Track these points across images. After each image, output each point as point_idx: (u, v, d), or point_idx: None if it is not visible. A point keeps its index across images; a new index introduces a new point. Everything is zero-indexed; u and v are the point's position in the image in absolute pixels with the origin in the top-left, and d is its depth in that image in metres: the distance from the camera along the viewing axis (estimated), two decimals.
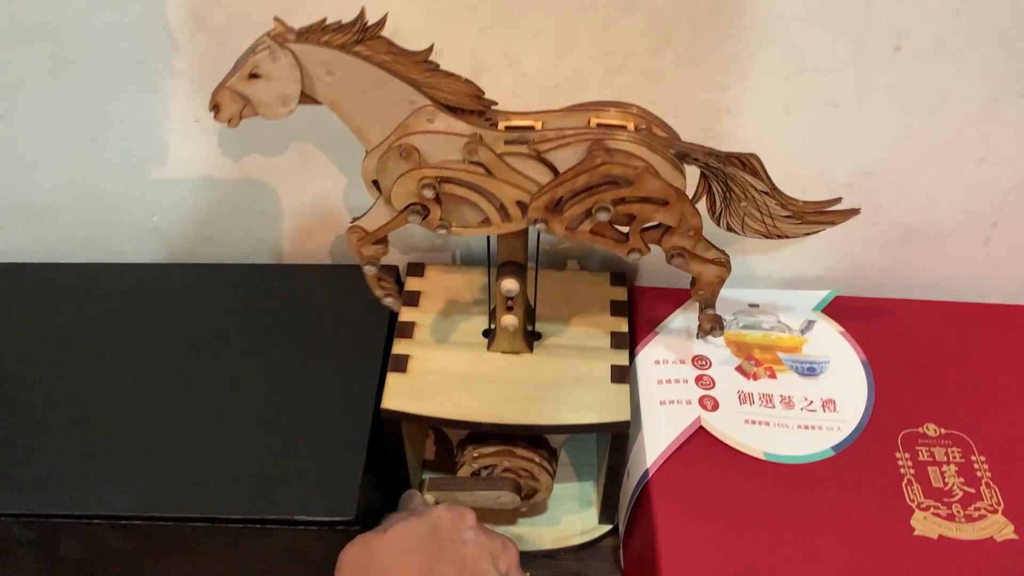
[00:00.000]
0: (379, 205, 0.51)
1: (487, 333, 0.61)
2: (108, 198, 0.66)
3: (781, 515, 0.53)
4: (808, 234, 0.52)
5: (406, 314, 0.62)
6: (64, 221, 0.68)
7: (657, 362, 0.61)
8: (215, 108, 0.47)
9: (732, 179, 0.50)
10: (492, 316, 0.61)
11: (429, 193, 0.49)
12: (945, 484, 0.55)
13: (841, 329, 0.63)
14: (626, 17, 0.53)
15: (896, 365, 0.61)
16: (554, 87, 0.57)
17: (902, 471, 0.55)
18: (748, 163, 0.49)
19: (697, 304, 0.57)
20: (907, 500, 0.54)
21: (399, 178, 0.49)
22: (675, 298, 0.65)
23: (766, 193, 0.50)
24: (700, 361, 0.61)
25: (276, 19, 0.46)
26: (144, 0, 0.55)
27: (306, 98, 0.48)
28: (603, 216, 0.49)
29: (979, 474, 0.55)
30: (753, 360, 0.61)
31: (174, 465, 0.55)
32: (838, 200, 0.51)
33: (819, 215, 0.51)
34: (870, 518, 0.53)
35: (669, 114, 0.55)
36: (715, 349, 0.62)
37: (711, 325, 0.58)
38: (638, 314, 0.65)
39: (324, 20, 0.45)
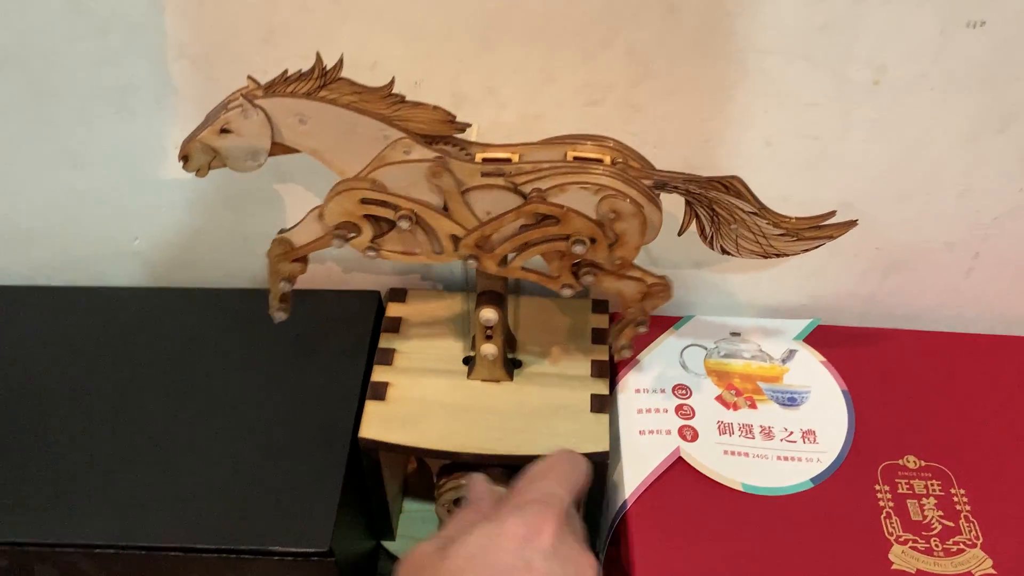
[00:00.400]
0: (311, 219, 0.51)
1: (468, 360, 0.61)
2: (89, 223, 0.66)
3: (758, 548, 0.53)
4: (807, 250, 0.52)
5: (386, 340, 0.62)
6: (45, 245, 0.68)
7: (637, 391, 0.61)
8: (184, 158, 0.48)
9: (717, 203, 0.50)
10: (472, 343, 0.61)
11: (405, 224, 0.49)
12: (924, 517, 0.55)
13: (823, 359, 0.63)
14: (606, 51, 0.53)
15: (877, 396, 0.61)
16: (535, 118, 0.57)
17: (881, 504, 0.55)
18: (731, 186, 0.49)
19: (677, 332, 0.57)
20: (885, 533, 0.54)
21: (337, 194, 0.49)
22: (657, 325, 0.65)
23: (755, 213, 0.50)
24: (681, 390, 0.61)
25: (249, 77, 0.47)
26: (125, 29, 0.55)
27: (285, 148, 0.48)
28: (579, 249, 0.49)
29: (958, 507, 0.55)
30: (734, 390, 0.61)
31: (149, 493, 0.55)
32: (832, 213, 0.51)
33: (815, 230, 0.51)
34: (848, 552, 0.53)
35: (649, 145, 0.55)
36: (696, 378, 0.62)
37: (627, 342, 0.57)
38: None
39: (286, 72, 0.46)
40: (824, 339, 0.64)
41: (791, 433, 0.59)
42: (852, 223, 0.51)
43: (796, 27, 0.52)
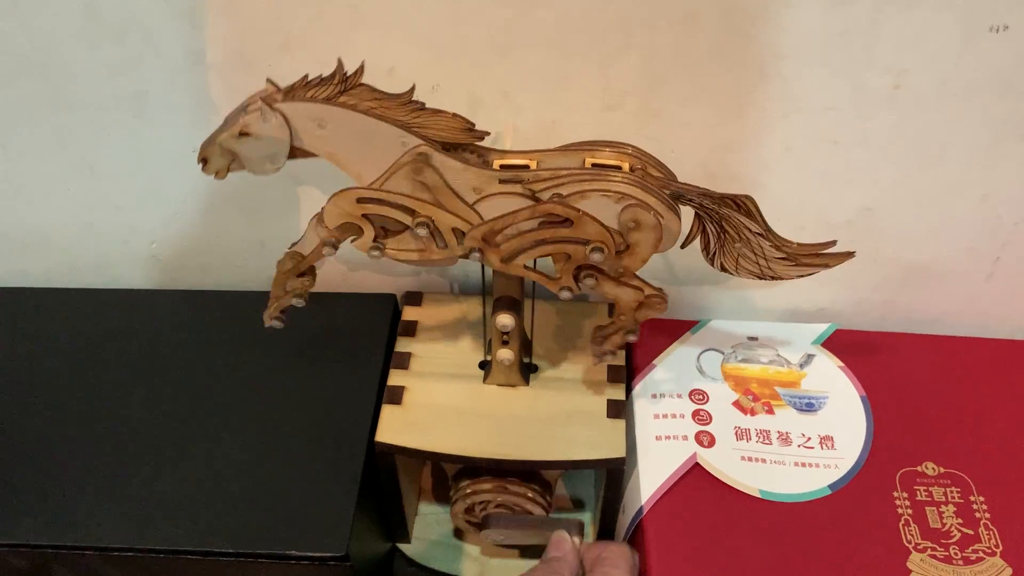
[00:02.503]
0: (312, 226, 0.51)
1: (483, 365, 0.61)
2: (106, 227, 0.66)
3: (776, 555, 0.53)
4: (802, 276, 0.52)
5: (402, 344, 0.62)
6: (62, 249, 0.68)
7: (654, 396, 0.61)
8: (203, 161, 0.47)
9: (727, 220, 0.49)
10: (488, 348, 0.61)
11: (423, 232, 0.49)
12: (943, 525, 0.54)
13: (841, 364, 0.63)
14: (623, 57, 0.53)
15: (896, 401, 0.61)
16: (551, 123, 0.56)
17: (900, 511, 0.55)
18: (743, 205, 0.49)
19: (694, 336, 0.57)
20: (904, 541, 0.53)
21: (334, 196, 0.49)
22: (673, 330, 0.65)
23: (760, 235, 0.50)
24: (697, 395, 0.61)
25: (268, 80, 0.47)
26: (141, 37, 0.55)
27: (304, 152, 0.48)
28: (597, 256, 0.49)
29: (978, 515, 0.55)
30: (751, 395, 0.61)
31: (166, 496, 0.55)
32: (833, 243, 0.50)
33: (813, 257, 0.51)
34: (866, 559, 0.53)
35: (666, 150, 0.55)
36: (712, 383, 0.62)
37: (612, 348, 0.55)
38: (636, 346, 0.64)
39: (306, 76, 0.46)
40: (842, 344, 0.64)
41: (809, 439, 0.59)
42: (850, 254, 0.51)
43: (815, 33, 0.51)
